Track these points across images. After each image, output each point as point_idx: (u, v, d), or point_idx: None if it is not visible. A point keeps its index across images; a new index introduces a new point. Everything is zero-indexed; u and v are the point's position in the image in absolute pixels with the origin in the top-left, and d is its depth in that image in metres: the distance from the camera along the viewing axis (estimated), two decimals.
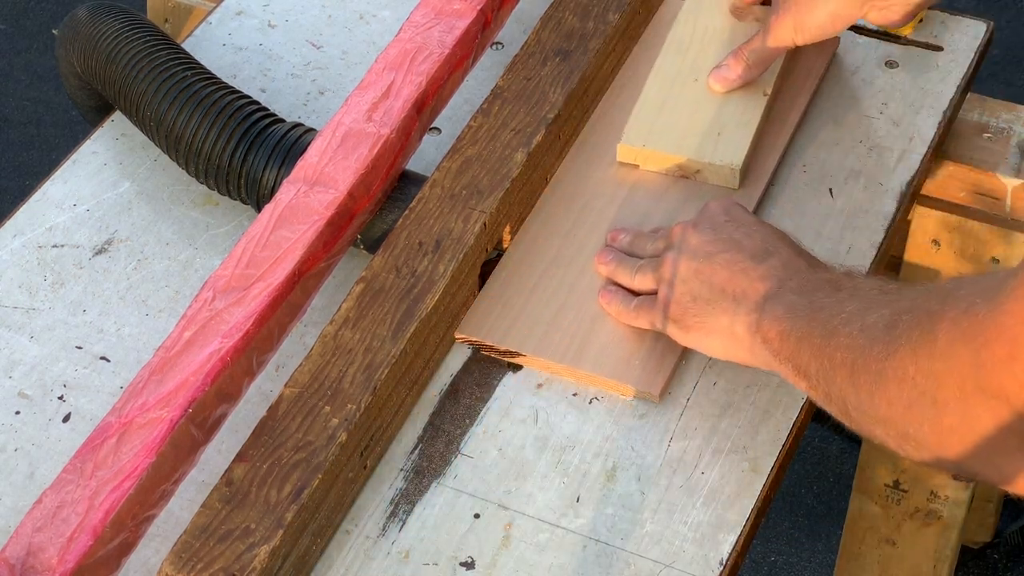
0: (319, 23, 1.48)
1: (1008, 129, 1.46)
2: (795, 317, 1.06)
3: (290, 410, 1.08)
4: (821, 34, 1.30)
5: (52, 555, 0.98)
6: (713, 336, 1.13)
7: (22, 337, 1.22)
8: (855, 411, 1.00)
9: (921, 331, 0.92)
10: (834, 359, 1.01)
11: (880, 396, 0.96)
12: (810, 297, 1.06)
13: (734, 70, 1.32)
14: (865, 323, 0.98)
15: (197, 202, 1.32)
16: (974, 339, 0.87)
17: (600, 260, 1.23)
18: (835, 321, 1.02)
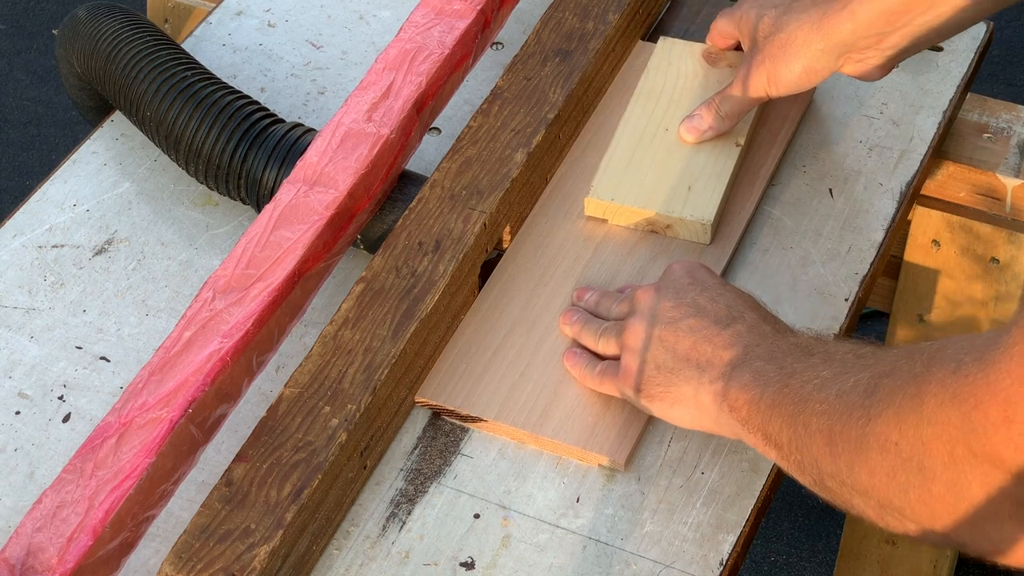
0: (319, 23, 1.48)
1: (1008, 129, 1.46)
2: (765, 384, 1.02)
3: (290, 410, 1.08)
4: (795, 88, 1.26)
5: (52, 555, 0.98)
6: (678, 406, 1.09)
7: (22, 337, 1.22)
8: (832, 480, 0.95)
9: (905, 395, 0.88)
10: (809, 426, 0.96)
11: (861, 464, 0.91)
12: (779, 363, 1.02)
13: (705, 120, 1.28)
14: (842, 388, 0.94)
15: (197, 202, 1.32)
16: (965, 401, 0.83)
17: (565, 320, 1.19)
18: (808, 387, 0.98)
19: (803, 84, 1.26)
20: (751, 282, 1.24)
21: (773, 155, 1.30)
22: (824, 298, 1.23)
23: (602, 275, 1.23)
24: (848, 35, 1.22)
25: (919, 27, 1.21)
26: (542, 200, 1.28)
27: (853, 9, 1.21)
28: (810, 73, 1.25)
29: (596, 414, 1.13)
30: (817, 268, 1.26)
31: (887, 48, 1.22)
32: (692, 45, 1.37)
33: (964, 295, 1.51)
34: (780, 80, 1.25)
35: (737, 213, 1.27)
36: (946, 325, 1.54)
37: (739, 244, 1.26)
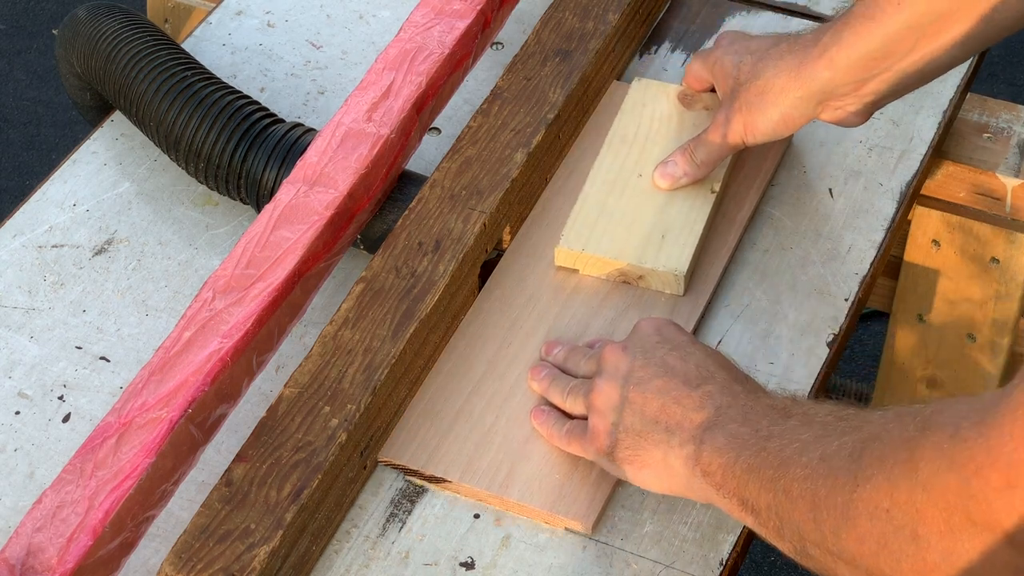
0: (319, 23, 1.48)
1: (1008, 129, 1.46)
2: (740, 448, 0.98)
3: (290, 410, 1.08)
4: (772, 135, 1.24)
5: (52, 555, 0.98)
6: (646, 470, 1.05)
7: (22, 337, 1.22)
8: (815, 548, 0.91)
9: (896, 460, 0.84)
10: (790, 492, 0.92)
11: (847, 532, 0.88)
12: (754, 425, 0.99)
13: (680, 167, 1.26)
14: (825, 452, 0.91)
15: (197, 202, 1.32)
16: (964, 467, 0.79)
17: (533, 376, 1.15)
18: (788, 451, 0.94)
19: (780, 132, 1.23)
20: (751, 282, 1.24)
21: (749, 202, 1.27)
22: (824, 298, 1.23)
23: (572, 329, 1.19)
24: (826, 83, 1.19)
25: (898, 72, 1.18)
26: (513, 246, 1.25)
27: (831, 56, 1.18)
28: (787, 121, 1.22)
29: (563, 475, 1.10)
30: (817, 268, 1.25)
31: (866, 95, 1.20)
32: (667, 86, 1.34)
33: (964, 295, 1.51)
34: (757, 128, 1.23)
35: (712, 263, 1.23)
36: (946, 325, 1.54)
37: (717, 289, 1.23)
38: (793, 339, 1.20)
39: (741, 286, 1.24)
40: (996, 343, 1.53)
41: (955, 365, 1.56)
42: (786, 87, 1.20)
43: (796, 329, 1.21)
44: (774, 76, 1.21)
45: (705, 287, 1.22)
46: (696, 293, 1.22)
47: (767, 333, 1.21)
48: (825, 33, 1.19)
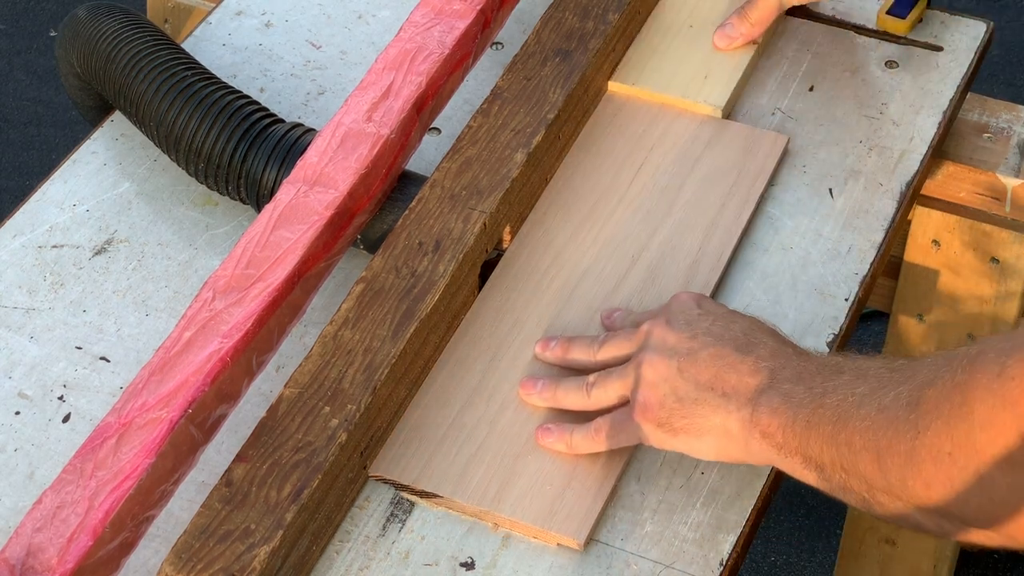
0: (318, 23, 1.48)
1: (1008, 129, 1.46)
2: (797, 406, 1.00)
3: (290, 410, 1.08)
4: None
5: (52, 555, 0.98)
6: (704, 437, 1.06)
7: (22, 337, 1.22)
8: (884, 495, 0.94)
9: (952, 404, 0.87)
10: (853, 444, 0.95)
11: (914, 478, 0.91)
12: (808, 384, 1.01)
13: (737, 27, 1.39)
14: (882, 403, 0.93)
15: (197, 202, 1.32)
16: (1016, 404, 0.83)
17: (528, 390, 1.14)
18: (846, 405, 0.96)
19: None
20: (751, 282, 1.24)
21: (746, 210, 1.28)
22: (824, 298, 1.23)
23: (573, 329, 1.19)
24: None
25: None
26: (513, 246, 1.25)
27: None
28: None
29: (556, 491, 1.09)
30: (817, 268, 1.25)
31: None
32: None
33: (964, 295, 1.51)
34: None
35: (712, 264, 1.24)
36: (946, 325, 1.54)
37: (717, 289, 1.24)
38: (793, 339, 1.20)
39: (741, 286, 1.24)
40: None
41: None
42: None
43: (796, 329, 1.21)
44: None
45: (705, 289, 1.22)
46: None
47: None
48: None
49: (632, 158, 1.32)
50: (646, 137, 1.34)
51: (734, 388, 1.05)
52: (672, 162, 1.31)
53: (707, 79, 1.37)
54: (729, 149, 1.32)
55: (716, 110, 1.34)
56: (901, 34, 1.44)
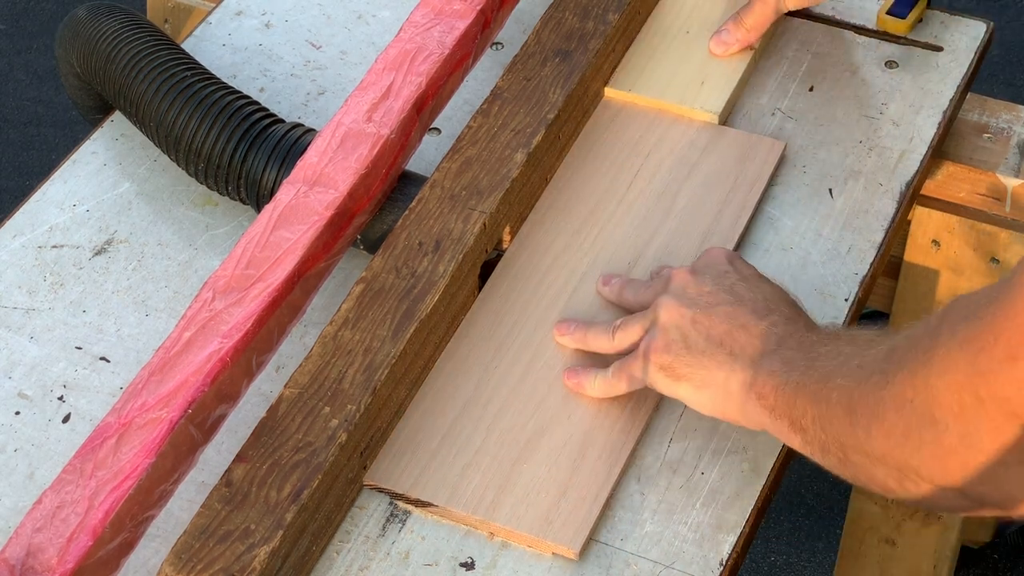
0: (318, 23, 1.48)
1: (1008, 129, 1.46)
2: (791, 370, 1.02)
3: (290, 411, 1.08)
4: (808, 0, 1.38)
5: (52, 555, 0.98)
6: (705, 389, 1.08)
7: (22, 337, 1.22)
8: (854, 453, 0.95)
9: (918, 350, 0.88)
10: (830, 400, 0.96)
11: (877, 428, 0.91)
12: (807, 351, 1.03)
13: (732, 33, 1.38)
14: (863, 360, 0.95)
15: (197, 202, 1.32)
16: (971, 344, 0.82)
17: (562, 330, 1.17)
18: (832, 364, 0.98)
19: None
20: None
21: (742, 217, 1.27)
22: (824, 298, 1.23)
23: (584, 308, 1.20)
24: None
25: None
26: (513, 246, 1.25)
27: None
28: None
29: (551, 500, 1.09)
30: (817, 268, 1.26)
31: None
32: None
33: None
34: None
35: None
36: None
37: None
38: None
39: None
40: None
41: None
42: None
43: None
44: None
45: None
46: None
47: None
48: None
49: (629, 164, 1.31)
50: (643, 143, 1.33)
51: (742, 348, 1.06)
52: (669, 168, 1.31)
53: (704, 85, 1.36)
54: (726, 155, 1.32)
55: (713, 116, 1.34)
56: (901, 34, 1.44)
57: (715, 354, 1.07)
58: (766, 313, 1.08)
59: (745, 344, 1.07)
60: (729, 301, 1.10)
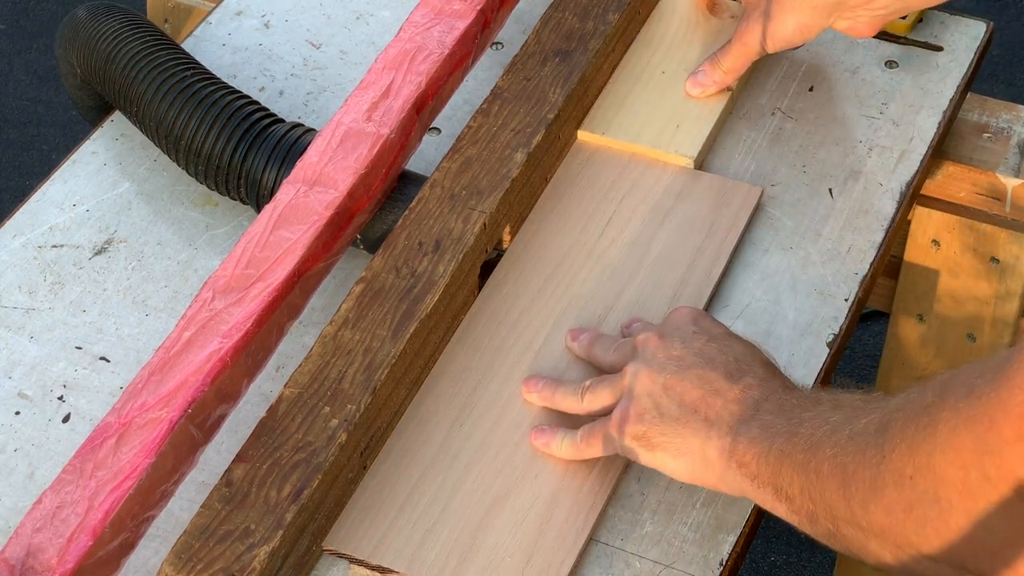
0: (318, 23, 1.48)
1: (1008, 129, 1.46)
2: (774, 436, 0.99)
3: (290, 410, 1.08)
4: (790, 43, 1.32)
5: (52, 556, 0.98)
6: (681, 458, 1.04)
7: (22, 337, 1.22)
8: (847, 526, 0.92)
9: (918, 426, 0.85)
10: (821, 472, 0.93)
11: (876, 503, 0.88)
12: (788, 415, 1.00)
13: (709, 75, 1.34)
14: (854, 430, 0.91)
15: (197, 202, 1.32)
16: (978, 423, 0.80)
17: (530, 387, 1.14)
18: (819, 433, 0.95)
19: (797, 39, 1.32)
20: (751, 282, 1.24)
21: (716, 268, 1.23)
22: (824, 298, 1.23)
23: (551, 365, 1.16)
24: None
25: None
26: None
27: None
28: (803, 29, 1.31)
29: (516, 566, 1.05)
30: (817, 268, 1.25)
31: (876, 8, 1.29)
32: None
33: (964, 295, 1.51)
34: (776, 36, 1.31)
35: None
36: (946, 325, 1.54)
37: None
38: (793, 339, 1.20)
39: (741, 286, 1.24)
40: (997, 343, 1.53)
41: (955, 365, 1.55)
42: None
43: (796, 329, 1.21)
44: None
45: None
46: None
47: (767, 333, 1.21)
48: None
49: (600, 212, 1.27)
50: (615, 189, 1.29)
51: (718, 414, 1.03)
52: (642, 216, 1.27)
53: (679, 128, 1.32)
54: (701, 202, 1.28)
55: (688, 161, 1.30)
56: (901, 34, 1.44)
57: (690, 421, 1.04)
58: (739, 375, 1.05)
59: (721, 410, 1.03)
60: (700, 364, 1.06)
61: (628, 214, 1.27)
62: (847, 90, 1.39)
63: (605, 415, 1.09)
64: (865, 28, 1.31)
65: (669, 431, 1.05)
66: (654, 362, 1.07)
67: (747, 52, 1.33)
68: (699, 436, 1.04)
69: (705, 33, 1.40)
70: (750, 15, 1.32)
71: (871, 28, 1.31)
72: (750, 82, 1.39)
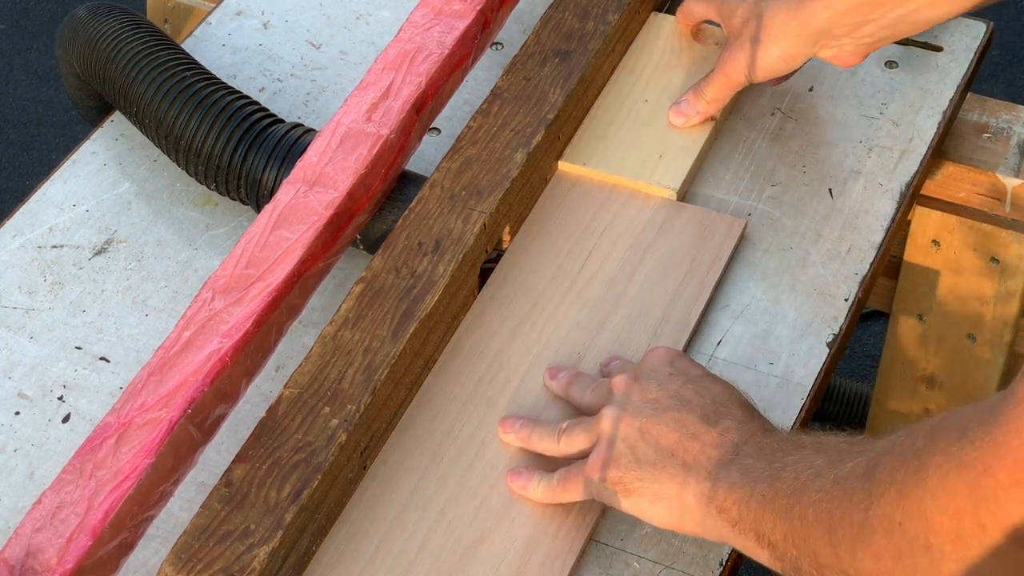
0: (318, 23, 1.48)
1: (1008, 129, 1.46)
2: (755, 481, 0.96)
3: (290, 411, 1.08)
4: (774, 73, 1.29)
5: (51, 556, 0.98)
6: (660, 504, 1.02)
7: (22, 337, 1.22)
8: (833, 573, 0.89)
9: (907, 471, 0.83)
10: (806, 518, 0.91)
11: (864, 551, 0.86)
12: (769, 459, 0.97)
13: (692, 105, 1.31)
14: (839, 475, 0.89)
15: (197, 202, 1.32)
16: (972, 468, 0.78)
17: (507, 428, 1.11)
18: (803, 477, 0.93)
19: (781, 69, 1.30)
20: (751, 282, 1.24)
21: (700, 299, 1.21)
22: (824, 298, 1.23)
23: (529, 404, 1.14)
24: (824, 23, 1.25)
25: (893, 19, 1.24)
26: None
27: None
28: (788, 59, 1.28)
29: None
30: (817, 268, 1.26)
31: (862, 37, 1.26)
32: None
33: (964, 295, 1.51)
34: (760, 66, 1.28)
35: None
36: (946, 325, 1.54)
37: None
38: (793, 339, 1.20)
39: (741, 286, 1.24)
40: (996, 343, 1.53)
41: (955, 365, 1.56)
42: (786, 25, 1.26)
43: (796, 329, 1.21)
44: (775, 15, 1.26)
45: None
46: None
47: (767, 333, 1.21)
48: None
49: (581, 245, 1.24)
50: (596, 222, 1.26)
51: (695, 459, 1.01)
52: (623, 250, 1.24)
53: (662, 159, 1.29)
54: (683, 235, 1.25)
55: (671, 193, 1.27)
56: None
57: (667, 466, 1.02)
58: (717, 418, 1.02)
59: (699, 454, 1.01)
60: (676, 407, 1.04)
61: (609, 247, 1.24)
62: (847, 90, 1.39)
63: (582, 458, 1.06)
64: (850, 57, 1.28)
65: (646, 476, 1.02)
66: (630, 405, 1.05)
67: (730, 82, 1.30)
68: (676, 481, 1.01)
69: (689, 60, 1.37)
70: (732, 44, 1.29)
71: (857, 57, 1.28)
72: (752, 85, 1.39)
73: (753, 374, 1.17)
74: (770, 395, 1.16)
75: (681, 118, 1.32)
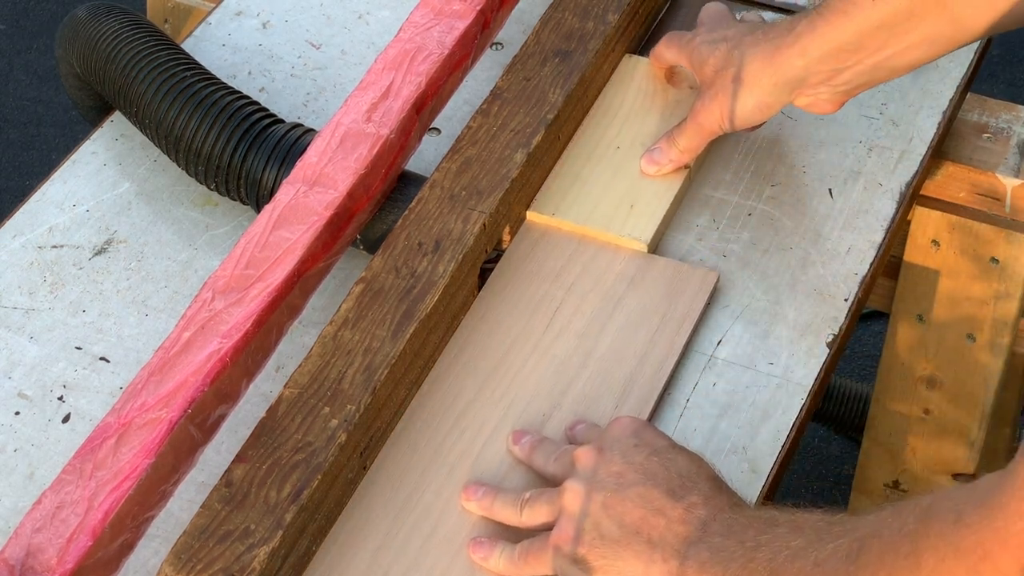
0: (318, 23, 1.48)
1: (1008, 129, 1.46)
2: (727, 561, 0.93)
3: (290, 411, 1.08)
4: (749, 122, 1.26)
5: (51, 556, 0.98)
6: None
7: (22, 338, 1.22)
8: None
9: (898, 555, 0.81)
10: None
11: None
12: (740, 537, 0.94)
13: (665, 153, 1.27)
14: (819, 557, 0.87)
15: (197, 202, 1.32)
16: (970, 553, 0.76)
17: (470, 495, 1.07)
18: (779, 559, 0.90)
19: (756, 118, 1.26)
20: (751, 282, 1.24)
21: (671, 358, 1.17)
22: (824, 298, 1.23)
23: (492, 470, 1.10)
24: (799, 71, 1.21)
25: (869, 66, 1.20)
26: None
27: (804, 46, 1.20)
28: (762, 107, 1.24)
29: None
30: (817, 268, 1.26)
31: (838, 84, 1.22)
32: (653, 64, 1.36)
33: (964, 295, 1.51)
34: (735, 114, 1.24)
35: (639, 404, 1.15)
36: (946, 325, 1.54)
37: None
38: (793, 339, 1.20)
39: (741, 286, 1.24)
40: (996, 343, 1.53)
41: (955, 365, 1.56)
42: (760, 74, 1.22)
43: (796, 329, 1.21)
44: (749, 63, 1.22)
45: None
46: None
47: (767, 333, 1.21)
48: (799, 23, 1.21)
49: (548, 300, 1.21)
50: (565, 274, 1.22)
51: (661, 536, 0.98)
52: (592, 304, 1.20)
53: (633, 208, 1.25)
54: (654, 289, 1.21)
55: (642, 245, 1.23)
56: None
57: (632, 543, 0.98)
58: (683, 493, 0.99)
59: (664, 531, 0.98)
60: (641, 481, 1.00)
61: (577, 302, 1.20)
62: None
63: (546, 530, 1.03)
64: (827, 105, 1.24)
65: (609, 554, 0.99)
66: (593, 479, 1.01)
67: (704, 132, 1.26)
68: (641, 559, 0.98)
69: (663, 104, 1.33)
70: (705, 93, 1.25)
71: (833, 105, 1.24)
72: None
73: (753, 374, 1.17)
74: (770, 395, 1.16)
75: (654, 167, 1.28)
